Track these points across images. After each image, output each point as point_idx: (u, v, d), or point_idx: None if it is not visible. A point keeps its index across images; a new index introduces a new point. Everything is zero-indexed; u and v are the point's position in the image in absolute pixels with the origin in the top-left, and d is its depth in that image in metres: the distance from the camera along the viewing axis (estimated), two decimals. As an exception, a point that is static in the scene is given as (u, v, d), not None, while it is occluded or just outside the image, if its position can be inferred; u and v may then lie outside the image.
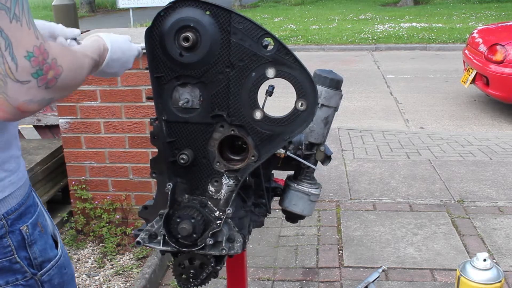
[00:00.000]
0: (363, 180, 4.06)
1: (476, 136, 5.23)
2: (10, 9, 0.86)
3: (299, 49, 11.08)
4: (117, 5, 13.12)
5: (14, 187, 1.07)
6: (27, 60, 0.87)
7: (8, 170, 1.06)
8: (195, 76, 1.28)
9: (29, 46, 0.88)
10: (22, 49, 0.87)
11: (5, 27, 0.85)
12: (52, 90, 0.93)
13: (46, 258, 1.13)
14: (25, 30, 0.88)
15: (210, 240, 1.34)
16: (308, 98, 1.24)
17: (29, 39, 0.88)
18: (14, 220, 1.05)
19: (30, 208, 1.11)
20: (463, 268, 2.00)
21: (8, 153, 1.06)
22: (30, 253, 1.09)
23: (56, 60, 0.93)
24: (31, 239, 1.09)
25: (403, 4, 18.50)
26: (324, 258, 2.98)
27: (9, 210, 1.05)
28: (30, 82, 0.89)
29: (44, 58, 0.90)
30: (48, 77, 0.91)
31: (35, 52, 0.88)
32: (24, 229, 1.07)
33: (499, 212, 3.49)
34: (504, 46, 5.84)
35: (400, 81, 7.97)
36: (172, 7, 1.24)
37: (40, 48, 0.90)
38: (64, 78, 0.95)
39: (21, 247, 1.07)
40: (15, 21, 0.86)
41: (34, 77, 0.89)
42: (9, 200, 1.05)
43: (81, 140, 3.01)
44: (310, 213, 1.59)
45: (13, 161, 1.08)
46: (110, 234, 3.03)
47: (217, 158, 1.33)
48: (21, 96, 0.89)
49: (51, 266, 1.14)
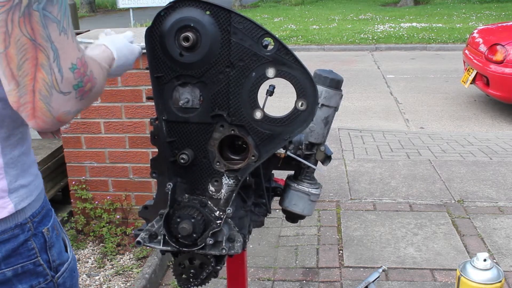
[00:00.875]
0: (363, 180, 4.06)
1: (476, 136, 5.23)
2: (60, 22, 0.89)
3: (299, 49, 11.08)
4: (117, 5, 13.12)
5: (38, 190, 1.10)
6: (71, 72, 0.90)
7: (33, 174, 1.09)
8: (195, 76, 1.28)
9: (73, 58, 0.91)
10: (67, 61, 0.90)
11: (55, 39, 0.88)
12: (84, 101, 0.96)
13: (62, 261, 1.15)
14: (70, 42, 0.91)
15: (210, 240, 1.34)
16: (308, 98, 1.24)
17: (73, 52, 0.91)
18: (38, 223, 1.08)
19: (49, 211, 1.14)
20: (463, 268, 2.00)
21: (31, 158, 1.10)
22: (50, 256, 1.11)
23: (93, 72, 0.96)
24: (50, 241, 1.11)
25: (403, 4, 18.51)
26: (324, 258, 2.98)
27: (34, 213, 1.07)
28: (71, 93, 0.92)
29: (85, 70, 0.93)
30: (85, 89, 0.94)
31: (78, 64, 0.91)
32: (45, 231, 1.09)
33: (499, 212, 3.49)
34: (504, 46, 5.84)
35: (400, 81, 7.97)
36: (172, 7, 1.24)
37: (82, 60, 0.93)
38: (96, 89, 0.98)
39: (43, 250, 1.09)
40: (63, 34, 0.89)
41: (75, 88, 0.92)
42: (34, 203, 1.08)
43: (81, 140, 3.01)
44: (310, 213, 1.59)
45: (34, 166, 1.11)
46: (110, 234, 3.03)
47: (217, 158, 1.33)
48: (62, 107, 0.92)
49: (64, 269, 1.16)
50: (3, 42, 0.85)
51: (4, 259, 1.02)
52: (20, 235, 1.04)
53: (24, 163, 1.06)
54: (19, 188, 1.04)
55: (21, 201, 1.04)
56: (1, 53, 0.86)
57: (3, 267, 1.03)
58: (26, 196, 1.05)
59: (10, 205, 1.02)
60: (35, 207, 1.08)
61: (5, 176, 1.01)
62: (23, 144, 1.06)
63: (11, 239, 1.03)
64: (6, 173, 1.02)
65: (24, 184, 1.05)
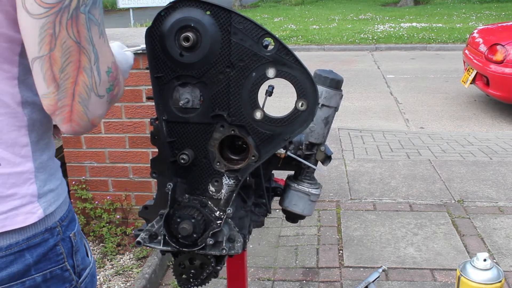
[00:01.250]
0: (363, 180, 4.06)
1: (476, 136, 5.23)
2: (100, 25, 0.90)
3: (299, 49, 11.08)
4: (117, 5, 13.12)
5: (64, 194, 1.09)
6: (107, 75, 0.91)
7: (60, 178, 1.09)
8: (196, 76, 1.28)
9: (109, 61, 0.92)
10: (105, 65, 0.91)
11: (96, 42, 0.89)
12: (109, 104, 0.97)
13: (85, 266, 1.14)
14: (107, 46, 0.92)
15: (210, 240, 1.34)
16: (309, 98, 1.24)
17: (109, 55, 0.92)
18: (66, 227, 1.07)
19: (74, 215, 1.13)
20: (463, 268, 2.00)
21: (56, 162, 1.10)
22: (75, 261, 1.10)
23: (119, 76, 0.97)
24: (76, 246, 1.10)
25: (403, 4, 18.51)
26: (324, 258, 2.99)
27: (62, 216, 1.07)
28: (104, 96, 0.93)
29: (117, 74, 0.94)
30: (114, 92, 0.95)
31: (112, 67, 0.92)
32: (72, 236, 1.09)
33: (499, 212, 3.50)
34: (504, 46, 5.84)
35: (400, 81, 7.97)
36: (172, 7, 1.24)
37: (115, 64, 0.94)
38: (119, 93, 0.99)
39: (69, 255, 1.08)
40: (102, 37, 0.90)
41: (107, 92, 0.93)
42: (61, 207, 1.07)
43: (81, 140, 3.01)
44: (310, 213, 1.59)
45: (60, 170, 1.11)
46: (110, 234, 3.03)
47: (217, 158, 1.33)
48: (97, 110, 0.93)
49: (87, 274, 1.15)
50: (48, 44, 0.85)
51: (35, 264, 1.01)
52: (49, 239, 1.03)
53: (52, 168, 1.06)
54: (47, 192, 1.03)
55: (49, 206, 1.03)
56: (45, 56, 0.86)
57: (34, 272, 1.01)
58: (54, 200, 1.04)
59: (39, 210, 1.01)
60: (63, 210, 1.07)
61: (35, 181, 1.00)
62: (50, 149, 1.06)
63: (41, 243, 1.01)
64: (36, 178, 1.01)
65: (52, 189, 1.04)
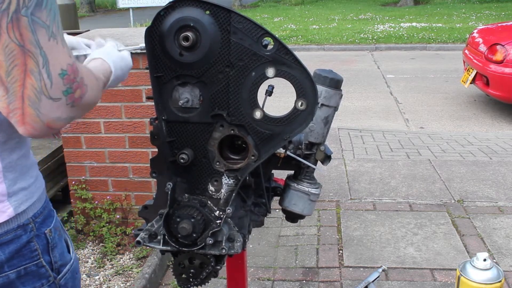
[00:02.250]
0: (363, 180, 4.06)
1: (476, 136, 5.23)
2: (49, 27, 0.88)
3: (299, 49, 11.08)
4: (117, 5, 13.12)
5: (39, 192, 1.10)
6: (60, 78, 0.90)
7: (33, 176, 1.09)
8: (195, 76, 1.28)
9: (63, 64, 0.90)
10: (57, 67, 0.89)
11: (44, 45, 0.87)
12: (76, 109, 0.95)
13: (64, 262, 1.14)
14: (60, 48, 0.90)
15: (210, 240, 1.34)
16: (308, 98, 1.24)
17: (63, 57, 0.91)
18: (40, 223, 1.08)
19: (51, 211, 1.13)
20: (463, 268, 2.00)
21: (30, 160, 1.10)
22: (52, 257, 1.10)
23: (83, 79, 0.95)
24: (53, 242, 1.10)
25: (403, 4, 18.51)
26: (324, 258, 2.98)
27: (36, 213, 1.07)
28: (61, 99, 0.91)
29: (75, 76, 0.93)
30: (75, 95, 0.94)
31: (68, 70, 0.91)
32: (48, 232, 1.09)
33: (499, 212, 3.50)
34: (504, 46, 5.84)
35: (400, 81, 7.97)
36: (172, 7, 1.24)
37: (73, 66, 0.92)
38: (87, 98, 0.97)
39: (45, 251, 1.08)
40: (52, 39, 0.89)
41: (64, 94, 0.91)
42: (35, 204, 1.08)
43: (81, 140, 3.01)
44: (310, 213, 1.59)
45: (34, 167, 1.11)
46: (110, 234, 3.03)
47: (217, 158, 1.33)
48: (52, 113, 0.91)
49: (67, 270, 1.15)
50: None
51: (7, 261, 1.02)
52: (22, 235, 1.04)
53: (23, 166, 1.06)
54: (18, 191, 1.04)
55: (20, 204, 1.04)
56: None
57: (7, 269, 1.02)
58: (26, 198, 1.05)
59: (9, 209, 1.02)
60: (37, 207, 1.08)
61: (3, 180, 1.01)
62: (22, 148, 1.05)
63: (14, 240, 1.02)
64: (4, 177, 1.01)
65: (24, 187, 1.05)
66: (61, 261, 1.13)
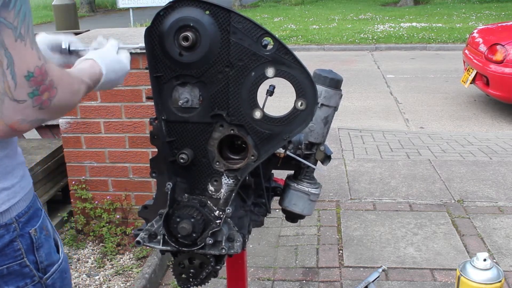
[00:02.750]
0: (363, 180, 4.06)
1: (476, 136, 5.23)
2: (17, 28, 0.87)
3: (299, 49, 11.08)
4: (117, 5, 13.12)
5: (24, 192, 1.09)
6: (26, 80, 0.88)
7: (18, 176, 1.08)
8: (195, 76, 1.28)
9: (31, 66, 0.89)
10: (23, 69, 0.88)
11: (9, 45, 0.86)
12: (45, 111, 0.94)
13: (51, 262, 1.14)
14: (29, 50, 0.89)
15: (209, 240, 1.34)
16: (308, 98, 1.24)
17: (31, 59, 0.89)
18: (24, 223, 1.07)
19: (37, 211, 1.12)
20: (463, 268, 2.00)
21: (15, 160, 1.08)
22: (37, 257, 1.09)
23: (53, 81, 0.94)
24: (38, 242, 1.10)
25: (403, 4, 18.50)
26: (324, 258, 2.98)
27: (19, 213, 1.06)
28: (26, 101, 0.90)
29: (43, 79, 0.91)
30: (43, 98, 0.92)
31: (35, 72, 0.90)
32: (32, 232, 1.08)
33: (499, 212, 3.49)
34: (504, 46, 5.84)
35: (400, 81, 7.97)
36: (171, 7, 1.24)
37: (41, 68, 0.91)
38: (58, 100, 0.96)
39: (29, 251, 1.08)
40: (20, 40, 0.87)
41: (30, 97, 0.90)
42: (20, 203, 1.07)
43: (81, 140, 3.01)
44: (310, 213, 1.59)
45: (20, 167, 1.10)
46: (110, 234, 3.03)
47: (216, 158, 1.33)
48: (15, 115, 0.90)
49: (54, 270, 1.15)
50: None
51: None
52: (5, 235, 1.03)
53: (6, 166, 1.05)
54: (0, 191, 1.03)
55: (1, 204, 1.03)
56: None
57: None
58: (8, 198, 1.04)
59: None
60: (21, 207, 1.06)
61: None
62: (5, 148, 1.04)
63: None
64: None
65: (6, 187, 1.04)
66: (47, 261, 1.12)
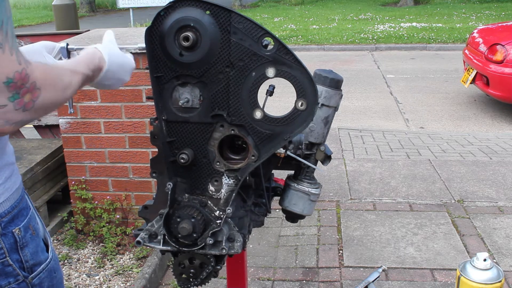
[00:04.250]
0: (363, 180, 4.06)
1: (476, 136, 5.23)
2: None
3: (299, 49, 11.08)
4: (117, 5, 13.12)
5: (8, 192, 1.08)
6: (5, 86, 0.89)
7: (3, 177, 1.07)
8: (195, 76, 1.28)
9: (9, 72, 0.89)
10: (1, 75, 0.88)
11: None
12: (29, 112, 0.95)
13: (37, 261, 1.13)
14: (7, 56, 0.89)
15: (210, 240, 1.34)
16: (308, 98, 1.24)
17: (10, 65, 0.89)
18: (7, 222, 1.06)
19: (22, 210, 1.11)
20: (463, 268, 2.00)
21: (2, 161, 1.08)
22: (22, 256, 1.09)
23: (36, 83, 0.94)
24: (23, 241, 1.09)
25: (403, 4, 18.50)
26: (324, 258, 2.99)
27: (2, 213, 1.05)
28: (7, 106, 0.90)
29: (24, 83, 0.91)
30: (25, 100, 0.93)
31: (15, 77, 0.90)
32: (16, 231, 1.07)
33: (499, 212, 3.50)
34: (504, 46, 5.84)
35: (400, 81, 7.97)
36: (172, 7, 1.24)
37: (22, 73, 0.91)
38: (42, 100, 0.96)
39: (13, 250, 1.07)
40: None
41: (11, 100, 0.91)
42: (3, 204, 1.06)
43: (81, 140, 3.01)
44: (310, 213, 1.59)
45: (7, 168, 1.09)
46: (110, 234, 3.03)
47: (217, 158, 1.33)
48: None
49: (41, 269, 1.14)
50: None
51: None
52: None
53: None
54: None
55: None
56: None
57: None
58: None
59: None
60: (4, 207, 1.06)
61: None
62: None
63: None
64: None
65: None
66: (33, 260, 1.11)
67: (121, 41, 2.80)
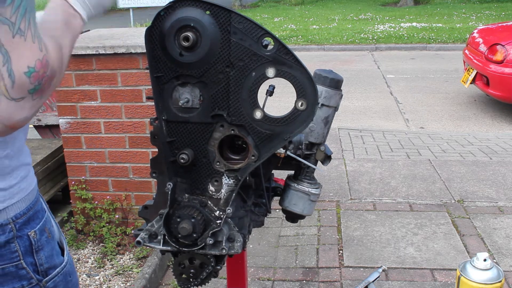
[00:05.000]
0: (363, 180, 4.06)
1: (476, 136, 5.23)
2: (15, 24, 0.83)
3: (299, 49, 11.08)
4: (117, 5, 13.12)
5: (24, 193, 1.06)
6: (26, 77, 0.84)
7: (18, 177, 1.05)
8: (195, 76, 1.28)
9: (31, 61, 0.85)
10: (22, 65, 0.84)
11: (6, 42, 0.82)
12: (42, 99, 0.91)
13: (52, 264, 1.11)
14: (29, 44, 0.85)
15: (210, 240, 1.34)
16: (308, 98, 1.24)
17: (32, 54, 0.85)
18: (22, 224, 1.04)
19: (38, 213, 1.09)
20: (463, 268, 2.00)
21: (19, 161, 1.05)
22: (37, 259, 1.07)
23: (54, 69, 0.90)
24: (38, 244, 1.07)
25: (403, 4, 18.50)
26: (324, 258, 2.98)
27: (17, 214, 1.03)
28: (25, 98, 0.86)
29: (45, 71, 0.87)
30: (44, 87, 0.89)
31: (36, 66, 0.85)
32: (32, 234, 1.05)
33: (499, 212, 3.49)
34: (504, 46, 5.84)
35: (400, 81, 7.97)
36: (172, 7, 1.24)
37: (43, 60, 0.87)
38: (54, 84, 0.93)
39: (28, 253, 1.05)
40: (18, 36, 0.83)
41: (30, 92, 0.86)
42: (18, 204, 1.04)
43: (81, 140, 3.01)
44: (310, 213, 1.59)
45: (23, 168, 1.07)
46: (110, 234, 3.03)
47: (217, 158, 1.33)
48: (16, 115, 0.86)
49: (56, 273, 1.12)
50: None
51: None
52: (0, 235, 1.00)
53: (5, 167, 1.01)
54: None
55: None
56: None
57: None
58: (4, 199, 1.01)
59: None
60: (20, 208, 1.04)
61: None
62: (4, 148, 1.00)
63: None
64: None
65: (3, 188, 1.01)
66: (48, 264, 1.10)
67: (121, 41, 2.79)
